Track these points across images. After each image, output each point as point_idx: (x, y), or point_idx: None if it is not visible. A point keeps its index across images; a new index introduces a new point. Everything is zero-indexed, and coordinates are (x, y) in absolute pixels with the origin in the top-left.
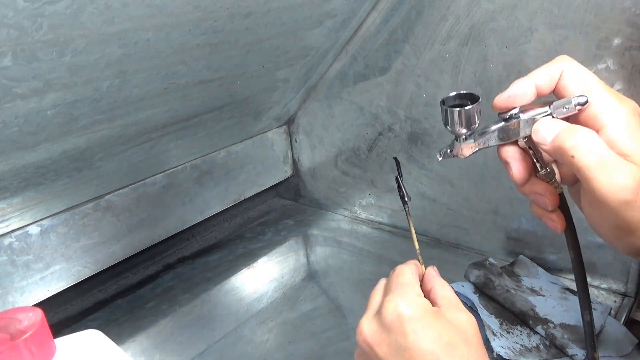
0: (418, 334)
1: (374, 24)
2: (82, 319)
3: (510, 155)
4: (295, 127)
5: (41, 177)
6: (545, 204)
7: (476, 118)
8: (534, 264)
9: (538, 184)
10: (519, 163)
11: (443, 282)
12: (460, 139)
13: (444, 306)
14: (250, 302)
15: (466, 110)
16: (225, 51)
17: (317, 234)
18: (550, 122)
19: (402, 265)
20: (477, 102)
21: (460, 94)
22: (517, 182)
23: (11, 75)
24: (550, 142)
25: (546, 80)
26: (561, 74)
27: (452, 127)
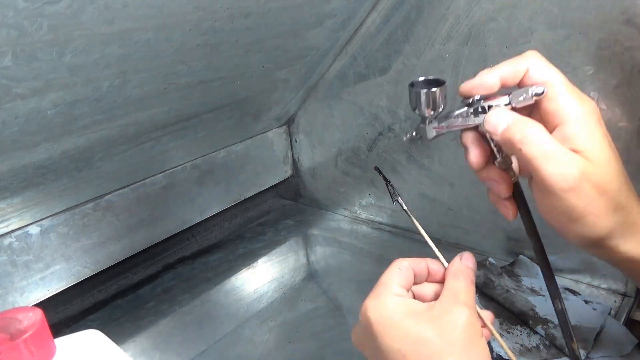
0: (384, 335)
1: (374, 24)
2: (82, 319)
3: (470, 141)
4: (295, 127)
5: (41, 177)
6: (498, 191)
7: (441, 101)
8: (534, 264)
9: (494, 171)
10: (476, 149)
11: (459, 274)
12: (426, 121)
13: (440, 299)
14: (250, 302)
15: (432, 92)
16: (225, 51)
17: (317, 234)
18: (501, 113)
19: (397, 259)
20: (443, 86)
21: (428, 79)
22: (473, 167)
23: (11, 75)
24: (500, 134)
25: (511, 74)
26: (527, 69)
27: (418, 109)
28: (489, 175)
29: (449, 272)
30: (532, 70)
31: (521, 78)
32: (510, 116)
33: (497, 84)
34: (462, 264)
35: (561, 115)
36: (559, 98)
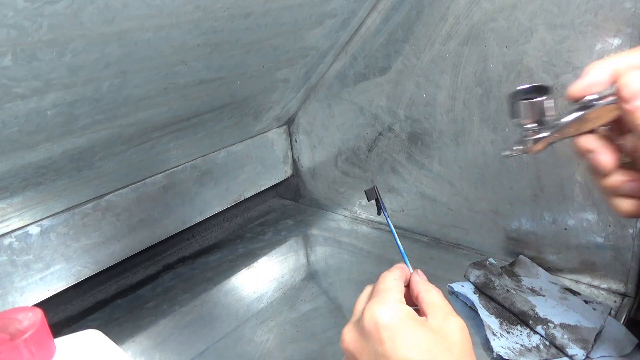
0: (394, 342)
1: (374, 24)
2: (82, 319)
3: (596, 144)
4: (295, 127)
5: (41, 177)
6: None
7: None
8: (534, 264)
9: (628, 172)
10: (607, 150)
11: (428, 286)
12: (530, 132)
13: (431, 314)
14: (250, 302)
15: (535, 102)
16: (225, 51)
17: (317, 234)
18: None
19: (385, 272)
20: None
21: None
22: (605, 170)
23: (11, 75)
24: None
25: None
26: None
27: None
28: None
29: (420, 288)
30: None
31: None
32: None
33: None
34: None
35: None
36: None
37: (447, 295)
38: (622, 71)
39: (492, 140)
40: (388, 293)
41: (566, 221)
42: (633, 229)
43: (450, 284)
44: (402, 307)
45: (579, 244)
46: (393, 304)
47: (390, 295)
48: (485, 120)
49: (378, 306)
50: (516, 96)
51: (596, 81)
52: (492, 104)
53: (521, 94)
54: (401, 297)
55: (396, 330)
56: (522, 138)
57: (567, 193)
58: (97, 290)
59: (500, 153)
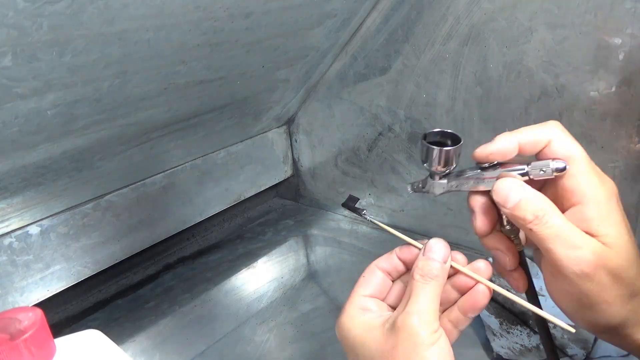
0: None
1: (374, 24)
2: (82, 319)
3: (478, 205)
4: (295, 127)
5: (41, 177)
6: (504, 262)
7: (454, 160)
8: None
9: (500, 240)
10: (484, 215)
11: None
12: (435, 177)
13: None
14: (250, 302)
15: (446, 150)
16: (225, 51)
17: (317, 234)
18: (512, 185)
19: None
20: (459, 145)
21: (444, 131)
22: (478, 233)
23: (11, 75)
24: (510, 208)
25: (531, 142)
26: (549, 141)
27: (429, 165)
28: (494, 244)
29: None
30: (555, 142)
31: (541, 149)
32: (522, 190)
33: (515, 150)
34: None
35: (580, 194)
36: (580, 176)
37: None
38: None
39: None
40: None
41: None
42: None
43: None
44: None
45: None
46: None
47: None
48: (485, 120)
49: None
50: (428, 138)
51: (501, 150)
52: (492, 104)
53: (434, 137)
54: (363, 301)
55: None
56: (426, 179)
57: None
58: (97, 290)
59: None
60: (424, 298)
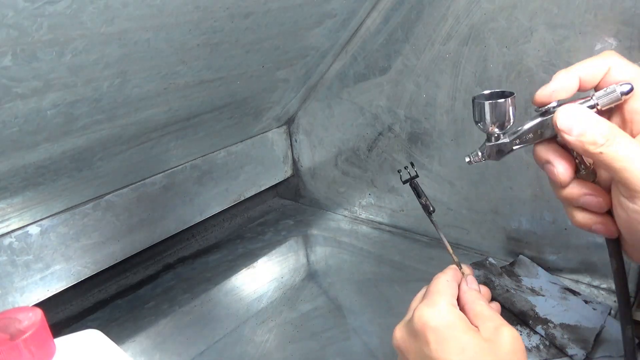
0: (440, 344)
1: (374, 24)
2: (82, 319)
3: (551, 153)
4: (295, 127)
5: (41, 177)
6: (599, 205)
7: (510, 114)
8: (534, 264)
9: (585, 184)
10: (562, 161)
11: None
12: (492, 138)
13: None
14: (250, 302)
15: (499, 103)
16: (225, 51)
17: (317, 234)
18: (575, 111)
19: (439, 273)
20: (512, 96)
21: (493, 92)
22: (563, 182)
23: (11, 75)
24: (577, 135)
25: (591, 74)
26: (608, 69)
27: (483, 124)
28: (581, 190)
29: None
30: (614, 69)
31: (601, 79)
32: (587, 115)
33: (576, 84)
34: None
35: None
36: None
37: None
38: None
39: None
40: (438, 296)
41: (566, 221)
42: None
43: None
44: (452, 310)
45: (579, 244)
46: (443, 306)
47: (440, 298)
48: None
49: (427, 308)
50: (480, 98)
51: (561, 88)
52: None
53: (484, 98)
54: (452, 300)
55: (443, 333)
56: (484, 144)
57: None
58: (97, 290)
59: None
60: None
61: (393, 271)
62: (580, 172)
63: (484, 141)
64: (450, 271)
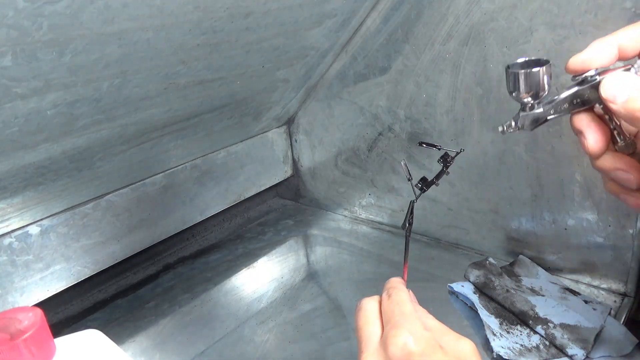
0: None
1: (374, 24)
2: (82, 319)
3: (585, 124)
4: (295, 127)
5: (41, 177)
6: (629, 182)
7: (545, 83)
8: (533, 264)
9: (619, 158)
10: (595, 132)
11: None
12: (527, 107)
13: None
14: (250, 302)
15: (533, 72)
16: (225, 51)
17: (317, 234)
18: (621, 78)
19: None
20: (547, 65)
21: (528, 60)
22: (593, 154)
23: (11, 75)
24: (622, 103)
25: (632, 41)
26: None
27: (517, 94)
28: (613, 164)
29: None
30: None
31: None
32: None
33: (614, 54)
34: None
35: None
36: None
37: (448, 295)
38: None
39: (492, 140)
40: (414, 319)
41: (566, 221)
42: (633, 228)
43: (450, 284)
44: (429, 334)
45: (579, 244)
46: (422, 331)
47: (417, 322)
48: (485, 120)
49: (409, 334)
50: (514, 68)
51: (597, 56)
52: (492, 104)
53: (519, 67)
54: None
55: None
56: (518, 114)
57: (567, 193)
58: (97, 290)
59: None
60: None
61: (393, 271)
62: (619, 144)
63: (518, 110)
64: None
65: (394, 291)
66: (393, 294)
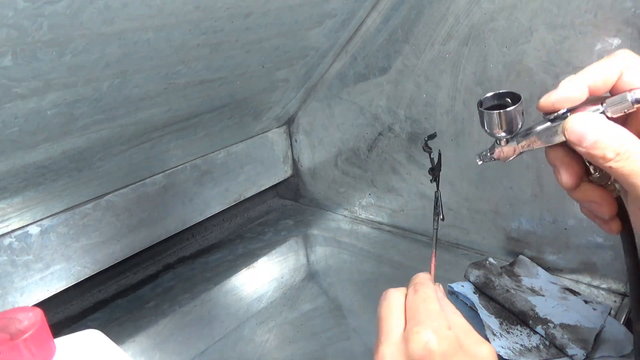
0: None
1: (374, 24)
2: (82, 319)
3: (559, 159)
4: (295, 127)
5: (41, 177)
6: (602, 213)
7: (518, 120)
8: (533, 264)
9: (592, 190)
10: (568, 167)
11: (453, 307)
12: (502, 142)
13: (462, 338)
14: (250, 302)
15: (507, 112)
16: (225, 51)
17: (317, 234)
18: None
19: (424, 288)
20: (519, 102)
21: (499, 93)
22: (566, 188)
23: (11, 75)
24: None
25: (601, 81)
26: (621, 73)
27: (491, 131)
28: (586, 196)
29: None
30: (628, 72)
31: (614, 84)
32: (598, 126)
33: (584, 94)
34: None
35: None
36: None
37: (447, 295)
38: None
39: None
40: (439, 318)
41: (566, 221)
42: None
43: (450, 284)
44: (453, 334)
45: (579, 244)
46: (446, 331)
47: (442, 321)
48: None
49: (432, 332)
50: (486, 104)
51: (568, 97)
52: None
53: (490, 101)
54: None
55: (448, 358)
56: (493, 146)
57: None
58: (97, 290)
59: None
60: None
61: (393, 271)
62: (593, 175)
63: (493, 143)
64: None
65: (421, 287)
66: (420, 290)
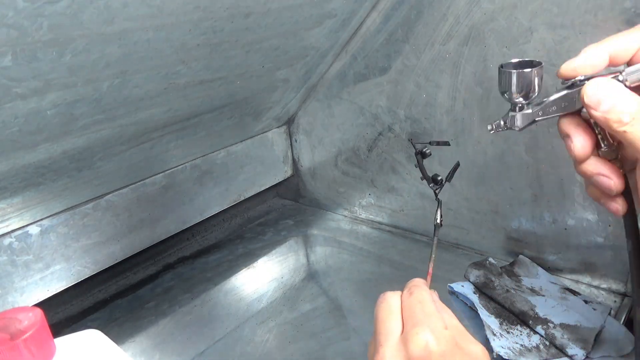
0: None
1: (374, 24)
2: (82, 319)
3: (572, 128)
4: (295, 127)
5: (41, 177)
6: (609, 187)
7: (535, 85)
8: (534, 264)
9: (602, 164)
10: (582, 136)
11: (447, 309)
12: (516, 107)
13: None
14: (250, 302)
15: (525, 73)
16: (225, 51)
17: (317, 234)
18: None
19: (419, 290)
20: (539, 67)
21: (522, 61)
22: (578, 158)
23: (11, 75)
24: (604, 111)
25: (622, 49)
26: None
27: (508, 93)
28: (596, 169)
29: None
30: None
31: (634, 54)
32: (616, 90)
33: (605, 61)
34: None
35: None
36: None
37: (447, 295)
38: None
39: (492, 140)
40: (436, 319)
41: (566, 221)
42: None
43: (450, 284)
44: (450, 334)
45: (579, 244)
46: (443, 331)
47: (439, 322)
48: (485, 120)
49: (431, 333)
50: (507, 68)
51: (589, 63)
52: (492, 104)
53: (512, 67)
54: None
55: (447, 357)
56: (507, 113)
57: (567, 193)
58: (97, 290)
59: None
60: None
61: (393, 271)
62: (603, 149)
63: (508, 110)
64: (429, 289)
65: (416, 289)
66: (415, 292)
